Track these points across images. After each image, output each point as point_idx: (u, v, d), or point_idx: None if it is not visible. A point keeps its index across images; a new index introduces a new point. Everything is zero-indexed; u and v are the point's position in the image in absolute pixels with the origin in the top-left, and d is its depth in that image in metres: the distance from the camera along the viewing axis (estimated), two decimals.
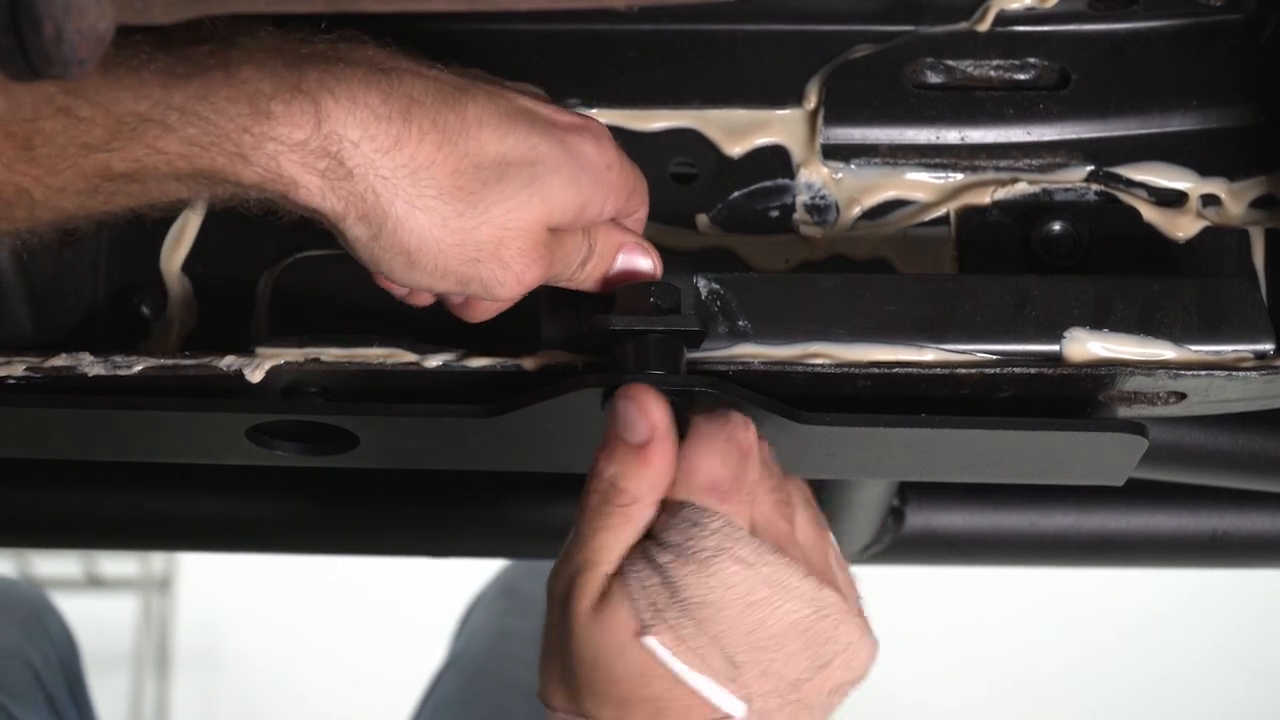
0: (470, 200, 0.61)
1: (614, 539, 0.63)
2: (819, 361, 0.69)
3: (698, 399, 0.67)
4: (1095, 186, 0.78)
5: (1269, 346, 0.69)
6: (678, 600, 0.61)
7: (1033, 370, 0.69)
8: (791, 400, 0.68)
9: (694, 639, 0.61)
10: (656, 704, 0.61)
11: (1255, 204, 0.78)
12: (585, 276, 0.68)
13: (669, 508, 0.63)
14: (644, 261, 0.69)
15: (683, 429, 0.64)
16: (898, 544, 1.04)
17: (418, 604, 1.94)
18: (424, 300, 0.70)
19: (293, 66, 0.58)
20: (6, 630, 1.15)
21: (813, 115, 0.79)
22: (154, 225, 0.77)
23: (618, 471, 0.63)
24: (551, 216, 0.64)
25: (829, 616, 0.63)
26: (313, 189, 0.59)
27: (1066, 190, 0.78)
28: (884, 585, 0.64)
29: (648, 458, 0.62)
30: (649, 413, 0.63)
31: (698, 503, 0.62)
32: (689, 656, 0.61)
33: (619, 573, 0.62)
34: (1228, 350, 0.69)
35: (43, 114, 0.55)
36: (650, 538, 0.63)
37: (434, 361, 0.70)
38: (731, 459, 0.63)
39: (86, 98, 0.55)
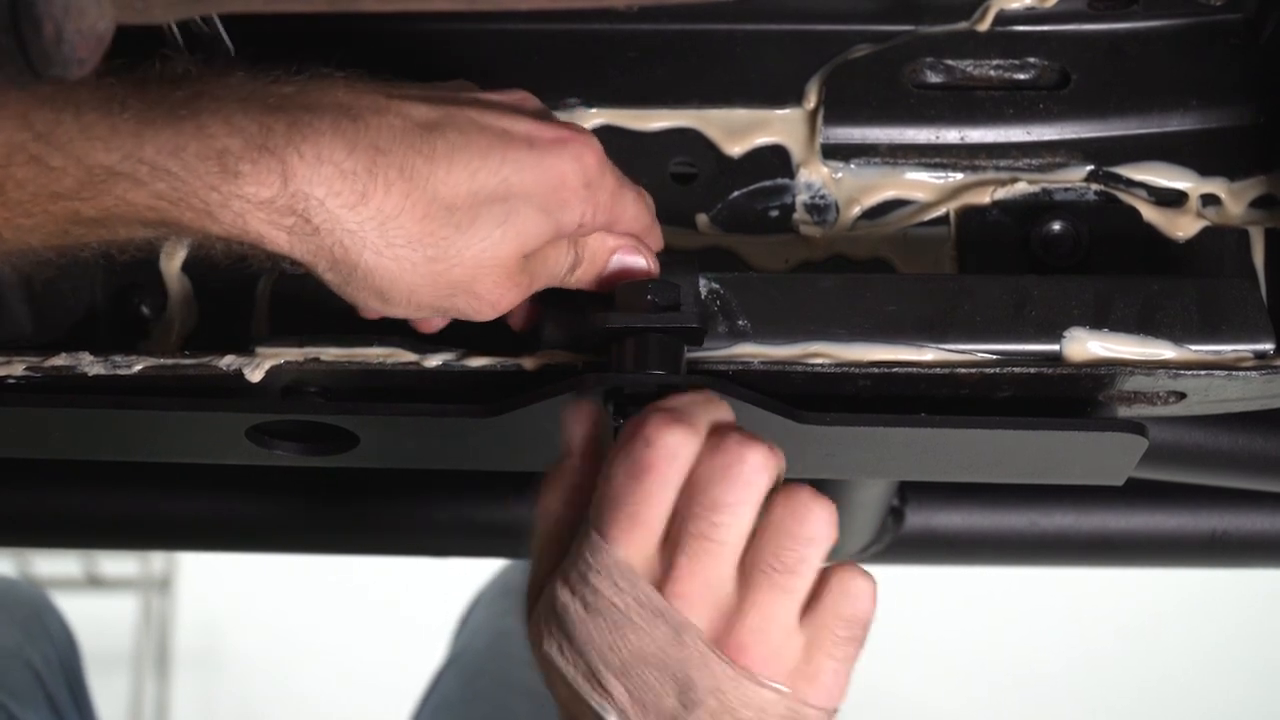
0: (441, 246, 0.61)
1: (546, 554, 0.64)
2: (819, 361, 0.69)
3: None
4: (1095, 186, 0.77)
5: (1269, 346, 0.69)
6: (557, 614, 0.61)
7: (1033, 370, 0.69)
8: (791, 400, 0.68)
9: (568, 649, 0.61)
10: (564, 707, 0.63)
11: (1255, 204, 0.78)
12: (576, 280, 0.68)
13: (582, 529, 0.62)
14: (639, 261, 0.69)
15: None
16: (898, 544, 1.04)
17: (418, 604, 1.94)
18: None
19: (261, 121, 0.58)
20: (6, 630, 1.15)
21: (812, 115, 0.79)
22: None
23: (546, 491, 0.64)
24: (525, 247, 0.64)
25: (687, 649, 0.59)
26: (280, 243, 0.60)
27: (1066, 190, 0.78)
28: (884, 585, 0.63)
29: (552, 478, 0.64)
30: (567, 430, 0.64)
31: (591, 527, 0.61)
32: (566, 666, 0.61)
33: (547, 582, 0.63)
34: (1227, 350, 0.69)
35: (15, 161, 0.55)
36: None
37: (434, 361, 0.70)
38: (620, 478, 0.61)
39: (59, 147, 0.55)
